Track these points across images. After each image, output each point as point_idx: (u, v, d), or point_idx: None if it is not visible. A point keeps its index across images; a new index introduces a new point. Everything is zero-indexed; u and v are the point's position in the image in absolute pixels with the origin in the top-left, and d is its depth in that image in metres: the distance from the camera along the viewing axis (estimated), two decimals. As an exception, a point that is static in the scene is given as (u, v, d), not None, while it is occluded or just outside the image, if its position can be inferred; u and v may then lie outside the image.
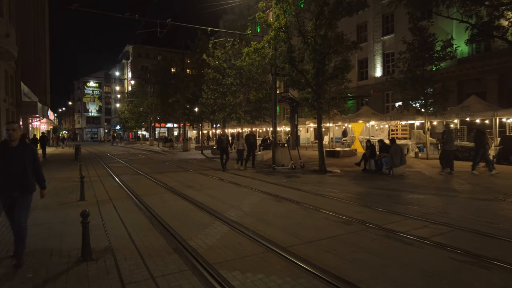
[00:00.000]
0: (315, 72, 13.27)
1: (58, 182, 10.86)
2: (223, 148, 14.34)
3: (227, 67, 18.24)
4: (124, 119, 50.36)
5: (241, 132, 16.08)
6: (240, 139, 14.99)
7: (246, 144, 14.70)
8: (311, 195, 8.45)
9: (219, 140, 14.62)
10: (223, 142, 14.46)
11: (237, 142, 15.01)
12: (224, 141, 14.49)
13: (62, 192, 9.06)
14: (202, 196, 8.41)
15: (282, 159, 15.24)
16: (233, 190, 9.40)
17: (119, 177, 12.01)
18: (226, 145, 14.57)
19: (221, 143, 14.45)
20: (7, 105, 22.31)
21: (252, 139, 15.13)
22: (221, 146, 14.38)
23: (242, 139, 14.92)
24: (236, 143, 15.05)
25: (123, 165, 17.07)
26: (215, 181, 11.22)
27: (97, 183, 10.76)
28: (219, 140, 14.65)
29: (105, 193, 8.94)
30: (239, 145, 14.71)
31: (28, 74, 30.62)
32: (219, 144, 14.56)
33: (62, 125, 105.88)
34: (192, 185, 10.18)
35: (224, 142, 14.48)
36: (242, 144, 14.68)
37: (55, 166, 16.41)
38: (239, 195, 8.57)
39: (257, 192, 8.98)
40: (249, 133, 15.69)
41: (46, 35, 43.48)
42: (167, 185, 10.20)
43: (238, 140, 15.09)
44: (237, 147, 14.77)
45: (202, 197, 8.27)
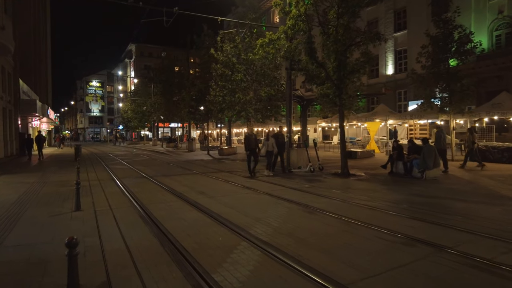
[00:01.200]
0: (337, 65, 12.05)
1: (53, 187, 9.69)
2: (252, 150, 12.22)
3: (237, 62, 17.03)
4: (127, 118, 49.30)
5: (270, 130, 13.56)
6: (269, 139, 12.50)
7: (276, 145, 12.52)
8: (345, 204, 7.22)
9: (247, 140, 12.36)
10: (251, 142, 12.25)
11: (266, 142, 12.46)
12: (252, 141, 12.28)
13: (55, 199, 7.88)
14: (217, 205, 7.20)
15: (298, 161, 14.02)
16: (252, 198, 8.18)
17: (121, 181, 10.83)
18: (255, 146, 12.39)
19: (249, 144, 12.22)
20: (4, 103, 21.21)
21: (281, 139, 13.05)
22: (249, 148, 12.18)
23: (272, 139, 12.48)
24: (265, 143, 12.52)
25: (126, 167, 15.89)
26: (228, 186, 10.00)
27: (97, 188, 9.57)
28: (247, 140, 12.37)
29: (105, 200, 7.75)
30: (269, 146, 12.37)
31: (28, 72, 29.55)
32: (247, 144, 12.27)
33: (65, 125, 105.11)
34: (203, 191, 8.97)
35: (252, 142, 12.26)
36: (272, 145, 12.37)
37: (53, 168, 15.26)
38: (261, 205, 7.35)
39: (281, 200, 7.75)
40: (277, 132, 13.39)
41: (48, 33, 42.47)
42: (175, 190, 9.00)
43: (267, 140, 12.54)
44: (267, 148, 12.42)
45: (217, 206, 7.06)
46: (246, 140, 12.48)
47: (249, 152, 12.23)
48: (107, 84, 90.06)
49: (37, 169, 14.90)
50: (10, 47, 18.65)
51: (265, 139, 12.81)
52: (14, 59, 23.81)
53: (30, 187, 9.66)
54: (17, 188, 9.41)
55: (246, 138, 12.61)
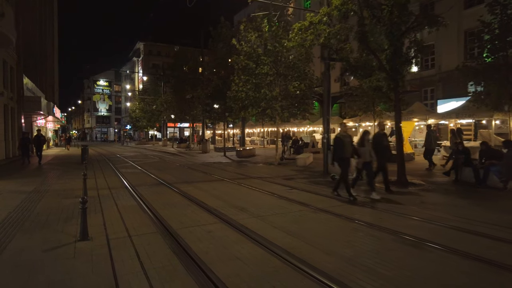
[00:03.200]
0: (391, 53, 10.09)
1: (54, 198, 7.84)
2: (345, 160, 7.75)
3: (262, 53, 15.11)
4: (135, 118, 47.60)
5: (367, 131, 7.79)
6: (366, 143, 8.04)
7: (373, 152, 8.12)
8: (440, 229, 5.26)
9: (338, 144, 7.77)
10: (345, 147, 7.71)
11: (363, 148, 8.03)
12: (347, 145, 7.74)
13: (55, 218, 6.01)
14: (274, 231, 5.27)
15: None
16: (316, 219, 6.24)
17: (136, 190, 8.96)
18: (350, 153, 7.87)
19: (342, 150, 7.71)
20: (5, 100, 19.54)
21: (386, 142, 8.79)
22: (341, 157, 7.74)
23: (369, 144, 8.09)
24: (360, 150, 8.05)
25: (139, 171, 14.06)
26: (272, 199, 8.06)
27: (108, 200, 7.71)
28: (338, 143, 7.78)
29: (120, 220, 5.87)
30: (365, 153, 7.99)
31: (34, 68, 27.97)
32: (337, 151, 7.78)
33: (72, 125, 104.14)
34: (243, 206, 7.05)
35: (347, 147, 7.74)
36: (369, 153, 8.01)
37: (56, 172, 13.47)
38: (336, 231, 5.42)
39: (361, 225, 5.81)
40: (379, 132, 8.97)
41: (55, 29, 40.96)
42: (206, 205, 7.11)
43: (362, 145, 8.05)
44: (364, 156, 8.01)
45: (275, 234, 5.14)
46: (337, 144, 7.81)
47: (342, 162, 7.76)
48: (114, 83, 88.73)
49: (38, 174, 13.12)
50: (11, 37, 16.94)
51: (359, 143, 8.18)
52: (17, 52, 22.18)
53: (26, 198, 7.83)
54: (10, 200, 7.58)
55: (337, 141, 7.85)
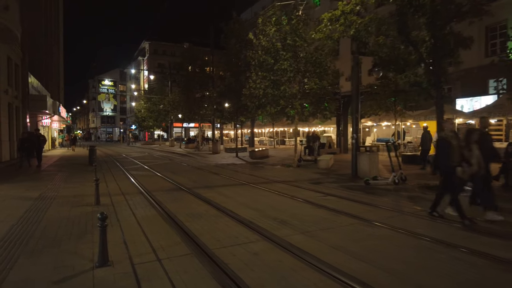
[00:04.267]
0: (433, 44, 9.09)
1: (62, 207, 6.91)
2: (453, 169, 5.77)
3: (281, 48, 14.12)
4: (141, 118, 46.72)
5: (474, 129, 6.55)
6: (473, 146, 5.96)
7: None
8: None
9: (443, 148, 5.94)
10: (452, 152, 5.80)
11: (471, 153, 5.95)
12: (455, 149, 5.82)
13: (65, 233, 5.08)
14: (339, 256, 4.30)
15: (370, 169, 11.05)
16: (376, 236, 5.24)
17: (153, 196, 8.02)
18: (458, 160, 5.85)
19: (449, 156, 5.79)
20: (10, 98, 18.71)
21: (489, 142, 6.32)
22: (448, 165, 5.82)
23: (476, 146, 5.92)
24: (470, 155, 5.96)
25: (151, 173, 13.13)
26: (311, 208, 7.07)
27: (124, 209, 6.76)
28: (443, 147, 5.94)
29: (143, 236, 4.92)
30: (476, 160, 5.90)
31: (39, 67, 27.18)
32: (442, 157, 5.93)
33: (77, 125, 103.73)
34: (280, 217, 6.07)
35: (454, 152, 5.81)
36: (477, 159, 5.88)
37: (63, 175, 12.57)
38: (412, 253, 4.42)
39: (436, 245, 4.82)
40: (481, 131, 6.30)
41: (60, 27, 40.22)
42: (237, 215, 6.15)
43: (469, 148, 6.00)
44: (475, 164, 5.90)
45: (342, 258, 4.16)
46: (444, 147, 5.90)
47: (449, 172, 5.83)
48: (119, 83, 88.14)
49: (44, 177, 12.23)
50: (16, 33, 16.09)
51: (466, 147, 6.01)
52: (22, 50, 21.37)
53: (31, 206, 6.90)
54: (13, 209, 6.66)
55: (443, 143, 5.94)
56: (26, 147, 14.98)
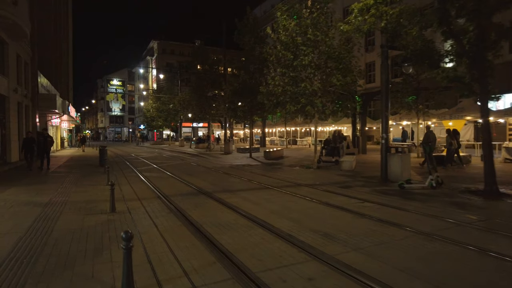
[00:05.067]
0: (476, 35, 8.24)
1: (74, 214, 6.23)
2: None
3: (301, 43, 13.33)
4: (150, 117, 46.23)
5: None
6: None
7: None
8: None
9: None
10: None
11: None
12: None
13: (79, 249, 4.38)
14: (414, 282, 3.52)
15: (402, 171, 10.22)
16: (444, 254, 4.45)
17: (172, 202, 7.31)
18: None
19: None
20: (19, 97, 18.23)
21: None
22: None
23: None
24: None
25: (165, 175, 12.46)
26: (352, 218, 6.29)
27: (143, 217, 6.06)
28: None
29: (170, 253, 4.21)
30: None
31: (48, 65, 26.78)
32: None
33: (85, 125, 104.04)
34: (324, 229, 5.32)
35: None
36: None
37: (73, 177, 11.96)
38: (497, 277, 3.64)
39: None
40: None
41: (69, 28, 39.89)
42: (272, 226, 5.40)
43: None
44: None
45: (418, 286, 3.39)
46: None
47: None
48: (128, 83, 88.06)
49: (54, 179, 11.63)
50: (25, 29, 15.59)
51: None
52: (32, 48, 20.91)
53: (40, 214, 6.24)
54: (21, 217, 6.01)
55: None
56: (30, 148, 13.99)
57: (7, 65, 16.29)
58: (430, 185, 8.97)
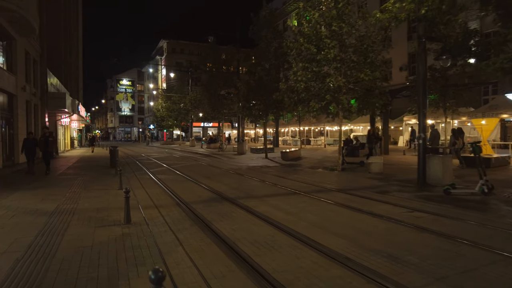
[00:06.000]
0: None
1: (84, 227, 5.38)
2: None
3: (326, 36, 12.35)
4: (160, 117, 45.62)
5: None
6: None
7: None
8: None
9: None
10: None
11: None
12: None
13: (90, 276, 3.50)
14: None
15: (444, 175, 9.19)
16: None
17: (194, 210, 6.43)
18: None
19: None
20: (28, 96, 17.59)
21: None
22: None
23: None
24: None
25: (181, 177, 11.60)
26: (410, 232, 5.32)
27: (163, 231, 5.18)
28: None
29: (203, 283, 3.31)
30: None
31: (58, 64, 26.20)
32: None
33: (95, 124, 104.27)
34: (387, 250, 4.36)
35: None
36: None
37: (83, 180, 11.18)
38: None
39: None
40: None
41: (80, 24, 39.42)
42: (320, 245, 4.47)
43: None
44: None
45: None
46: None
47: None
48: (137, 83, 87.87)
49: (63, 182, 10.87)
50: (33, 24, 14.89)
51: None
52: (41, 45, 20.30)
53: (45, 226, 5.41)
54: (23, 230, 5.18)
55: None
56: (31, 150, 12.39)
57: (15, 62, 15.63)
58: (481, 190, 7.92)
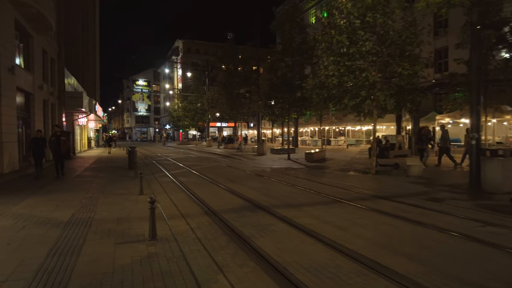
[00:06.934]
0: None
1: (102, 244, 4.56)
2: None
3: (359, 27, 11.33)
4: (177, 117, 45.19)
5: None
6: None
7: None
8: None
9: None
10: None
11: None
12: None
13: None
14: None
15: (505, 180, 8.06)
16: None
17: (226, 222, 5.55)
18: None
19: None
20: (45, 94, 17.15)
21: None
22: None
23: None
24: None
25: (204, 180, 10.78)
26: (499, 256, 4.33)
27: (196, 250, 4.32)
28: None
29: None
30: None
31: (75, 63, 25.90)
32: None
33: (112, 124, 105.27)
34: (490, 286, 3.38)
35: None
36: None
37: (100, 182, 10.48)
38: None
39: None
40: None
41: (96, 25, 39.29)
42: (396, 273, 3.52)
43: None
44: None
45: None
46: None
47: None
48: (153, 83, 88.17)
49: (80, 185, 10.19)
50: (50, 20, 14.38)
51: None
52: (58, 43, 19.90)
53: (57, 242, 4.61)
54: (31, 247, 4.41)
55: None
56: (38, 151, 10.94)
57: (32, 59, 15.16)
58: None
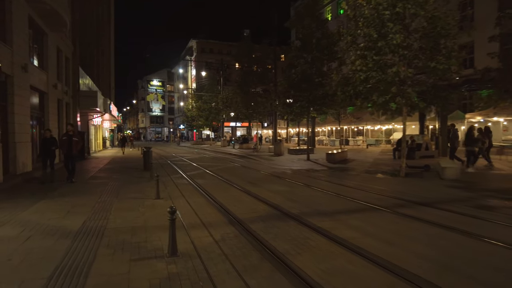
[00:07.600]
0: None
1: (116, 261, 3.94)
2: None
3: (388, 19, 10.51)
4: (191, 117, 44.86)
5: None
6: None
7: None
8: None
9: None
10: None
11: None
12: None
13: None
14: None
15: None
16: None
17: (254, 233, 4.87)
18: None
19: None
20: (59, 94, 16.84)
21: None
22: None
23: None
24: None
25: (222, 183, 10.14)
26: None
27: (222, 269, 3.65)
28: None
29: None
30: None
31: (90, 63, 25.72)
32: None
33: (127, 125, 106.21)
34: None
35: None
36: None
37: (114, 185, 9.96)
38: None
39: None
40: None
41: (111, 24, 39.25)
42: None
43: None
44: None
45: None
46: None
47: None
48: (167, 83, 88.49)
49: (92, 188, 9.70)
50: (65, 17, 14.01)
51: None
52: (73, 42, 19.64)
53: (65, 257, 4.03)
54: (35, 264, 3.83)
55: None
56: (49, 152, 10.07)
57: (46, 58, 14.86)
58: None
